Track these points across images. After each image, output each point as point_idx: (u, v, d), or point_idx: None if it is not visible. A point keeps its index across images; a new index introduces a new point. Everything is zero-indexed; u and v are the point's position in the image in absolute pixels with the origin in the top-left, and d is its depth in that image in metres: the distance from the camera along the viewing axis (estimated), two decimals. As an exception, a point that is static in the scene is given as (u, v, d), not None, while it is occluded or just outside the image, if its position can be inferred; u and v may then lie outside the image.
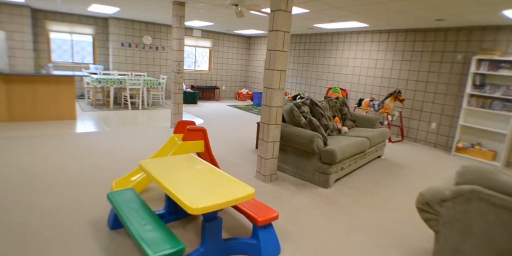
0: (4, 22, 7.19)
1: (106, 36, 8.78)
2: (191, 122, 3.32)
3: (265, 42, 10.33)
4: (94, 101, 7.48)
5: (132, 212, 2.17)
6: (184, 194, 1.88)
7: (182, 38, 5.65)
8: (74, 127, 5.38)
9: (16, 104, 5.40)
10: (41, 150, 4.06)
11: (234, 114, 7.99)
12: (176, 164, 2.39)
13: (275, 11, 3.29)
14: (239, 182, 2.14)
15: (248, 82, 11.25)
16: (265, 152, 3.46)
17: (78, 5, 6.71)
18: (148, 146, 4.58)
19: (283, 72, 3.41)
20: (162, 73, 9.53)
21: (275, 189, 3.36)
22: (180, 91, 5.84)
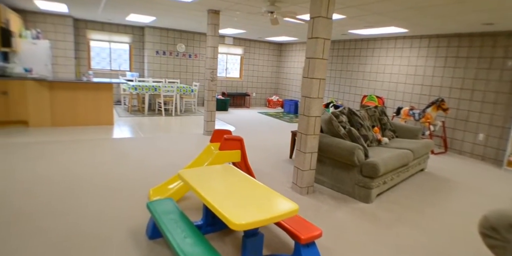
0: (49, 31, 7.62)
1: (142, 44, 9.07)
2: (228, 131, 3.26)
3: (296, 49, 10.23)
4: (130, 107, 7.71)
5: (172, 223, 2.12)
6: (226, 208, 1.80)
7: (216, 46, 5.68)
8: (112, 133, 5.53)
9: (58, 110, 5.65)
10: (82, 155, 4.18)
11: (265, 121, 7.91)
12: (215, 175, 2.33)
13: (315, 18, 3.19)
14: (282, 197, 2.03)
15: (278, 89, 11.17)
16: (302, 163, 3.33)
17: (118, 14, 6.98)
18: (182, 153, 4.59)
19: (323, 81, 3.28)
20: (195, 80, 9.68)
21: (312, 202, 3.21)
22: (213, 99, 5.86)
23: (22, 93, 5.34)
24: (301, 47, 10.00)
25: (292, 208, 1.90)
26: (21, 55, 6.44)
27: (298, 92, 10.23)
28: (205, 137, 5.74)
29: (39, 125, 5.56)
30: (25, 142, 4.57)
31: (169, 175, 3.65)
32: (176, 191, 2.82)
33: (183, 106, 8.46)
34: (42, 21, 7.52)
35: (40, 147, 4.40)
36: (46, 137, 4.92)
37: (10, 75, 5.32)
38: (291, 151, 4.65)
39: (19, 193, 2.95)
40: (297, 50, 10.18)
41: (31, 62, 6.53)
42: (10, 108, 5.29)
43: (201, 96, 9.93)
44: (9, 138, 4.73)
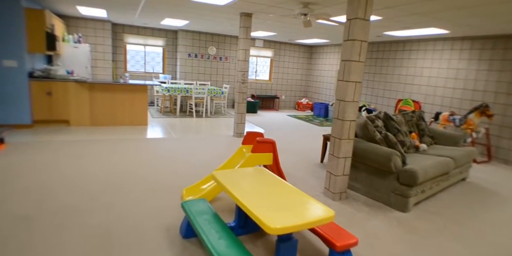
0: (89, 35, 8.02)
1: (174, 47, 9.32)
2: (260, 134, 3.24)
3: (328, 51, 10.06)
4: (162, 108, 7.93)
5: (206, 223, 2.13)
6: (261, 211, 1.77)
7: (248, 49, 5.71)
8: (146, 133, 5.70)
9: (97, 110, 5.92)
10: (119, 153, 4.33)
11: (294, 124, 7.83)
12: (248, 177, 2.31)
13: (352, 20, 3.10)
14: (317, 202, 1.98)
15: (308, 92, 11.04)
16: (335, 168, 3.24)
17: (153, 19, 7.22)
18: (213, 154, 4.64)
19: (359, 84, 3.18)
20: (225, 82, 9.79)
21: (345, 208, 3.11)
22: (244, 101, 5.88)
23: (65, 94, 5.64)
24: (333, 49, 9.83)
25: (328, 214, 1.84)
26: (64, 58, 6.82)
27: (328, 95, 10.05)
28: (235, 139, 5.77)
29: (79, 124, 5.85)
30: (67, 140, 4.82)
31: (200, 176, 3.69)
32: (209, 191, 2.83)
33: (213, 108, 8.58)
34: (83, 26, 7.93)
35: (81, 145, 4.62)
36: (86, 136, 5.16)
37: (54, 77, 5.64)
38: (322, 155, 4.55)
39: (63, 187, 3.10)
40: (328, 52, 10.01)
41: (72, 65, 6.90)
42: (53, 108, 5.60)
43: (231, 98, 10.02)
44: (53, 136, 5.00)
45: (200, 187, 3.01)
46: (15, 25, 5.02)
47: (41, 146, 4.42)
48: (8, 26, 4.98)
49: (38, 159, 3.90)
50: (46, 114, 5.57)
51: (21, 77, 5.22)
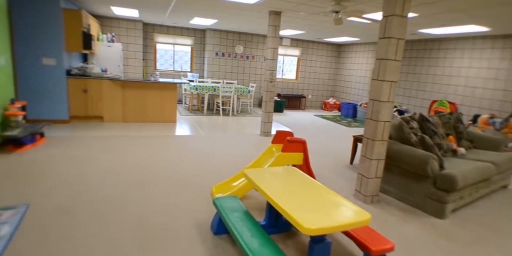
0: (122, 35, 8.29)
1: (202, 46, 9.44)
2: (290, 133, 3.20)
3: (357, 50, 9.82)
4: (190, 106, 8.06)
5: (238, 221, 2.13)
6: (295, 211, 1.74)
7: (276, 47, 5.67)
8: (175, 130, 5.81)
9: (129, 107, 6.10)
10: (149, 149, 4.44)
11: (321, 124, 7.71)
12: (280, 176, 2.29)
13: (389, 17, 2.98)
14: (353, 204, 1.92)
15: (336, 91, 10.83)
16: (367, 171, 3.14)
17: (182, 18, 7.34)
18: (241, 152, 4.65)
19: (394, 84, 3.06)
20: (251, 81, 9.80)
21: (377, 212, 3.01)
22: (271, 100, 5.85)
23: (99, 91, 5.86)
24: (363, 48, 9.58)
25: (364, 217, 1.79)
26: (98, 57, 7.09)
27: (357, 95, 9.81)
28: (262, 138, 5.76)
29: (112, 121, 6.06)
30: (101, 136, 5.01)
31: (228, 173, 3.71)
32: (239, 189, 2.84)
33: (239, 107, 8.61)
34: (116, 26, 8.20)
35: (114, 140, 4.78)
36: (119, 132, 5.34)
37: (90, 75, 5.87)
38: (352, 157, 4.44)
39: (99, 180, 3.21)
40: (358, 51, 9.76)
41: (106, 63, 7.16)
42: (88, 105, 5.84)
43: (257, 97, 10.02)
44: (88, 131, 5.21)
45: (230, 184, 3.02)
46: (55, 25, 5.27)
47: (77, 141, 4.61)
48: (48, 26, 5.23)
49: (75, 152, 4.08)
50: (82, 110, 5.82)
51: (59, 75, 5.47)
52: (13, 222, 2.38)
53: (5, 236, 2.19)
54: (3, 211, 2.52)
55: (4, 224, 2.34)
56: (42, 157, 3.84)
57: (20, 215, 2.48)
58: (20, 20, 5.04)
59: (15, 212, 2.52)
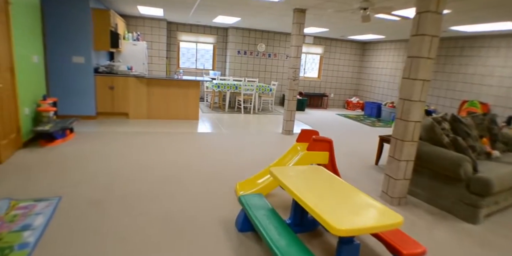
0: (147, 34, 8.45)
1: (224, 44, 9.48)
2: (315, 132, 3.15)
3: (382, 48, 9.56)
4: (212, 104, 8.12)
5: (264, 219, 2.11)
6: (325, 211, 1.71)
7: (300, 45, 5.60)
8: (197, 127, 5.87)
9: (153, 104, 6.22)
10: (173, 145, 4.51)
11: (344, 124, 7.57)
12: (307, 175, 2.25)
13: (422, 13, 2.87)
14: (384, 206, 1.86)
15: (359, 90, 10.61)
16: (395, 172, 3.05)
17: (206, 17, 7.39)
18: (263, 150, 4.63)
19: (426, 82, 2.95)
20: (273, 79, 9.76)
21: (405, 215, 2.91)
22: (294, 98, 5.79)
23: (125, 89, 6.00)
24: (388, 46, 9.32)
25: (396, 220, 1.73)
26: (124, 55, 7.26)
27: (381, 94, 9.57)
28: (284, 136, 5.72)
29: (137, 117, 6.20)
30: (127, 132, 5.13)
31: (251, 170, 3.70)
32: (264, 187, 2.82)
33: (260, 105, 8.60)
34: (141, 25, 8.38)
35: (139, 136, 4.89)
36: (144, 128, 5.45)
37: (116, 72, 6.02)
38: (377, 157, 4.32)
39: (127, 175, 3.29)
40: (383, 49, 9.51)
41: (131, 61, 7.33)
42: (114, 101, 6.00)
43: (278, 96, 9.97)
44: (114, 127, 5.36)
45: (254, 182, 3.01)
46: (84, 25, 5.43)
47: (105, 136, 4.75)
48: (78, 25, 5.40)
49: (103, 147, 4.19)
50: (108, 106, 5.98)
51: (87, 73, 5.65)
52: (47, 213, 2.47)
53: (39, 226, 2.28)
54: (37, 202, 2.63)
55: (38, 215, 2.43)
56: (72, 151, 3.97)
57: (53, 207, 2.57)
58: (52, 19, 5.23)
59: (48, 204, 2.61)
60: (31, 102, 4.26)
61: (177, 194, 2.98)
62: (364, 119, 8.40)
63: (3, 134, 3.46)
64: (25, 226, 2.26)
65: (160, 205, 2.74)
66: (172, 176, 3.42)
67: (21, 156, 3.67)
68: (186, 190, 3.08)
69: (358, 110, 10.14)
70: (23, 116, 4.01)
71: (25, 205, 2.57)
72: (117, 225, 2.39)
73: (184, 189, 3.12)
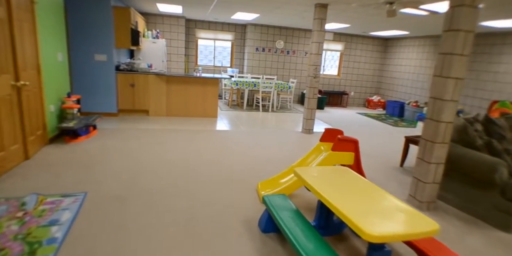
0: (166, 31, 8.50)
1: (242, 41, 9.42)
2: (340, 131, 3.06)
3: (406, 45, 9.25)
4: (230, 101, 8.10)
5: (290, 221, 2.06)
6: (355, 215, 1.64)
7: (321, 42, 5.47)
8: (216, 125, 5.86)
9: (172, 101, 6.25)
10: (193, 143, 4.50)
11: (366, 123, 7.39)
12: (333, 176, 2.17)
13: (456, 7, 2.71)
14: (417, 212, 1.77)
15: (381, 89, 10.34)
16: (424, 175, 2.92)
17: (224, 14, 7.35)
18: (283, 149, 4.57)
19: (460, 81, 2.79)
20: (291, 77, 9.64)
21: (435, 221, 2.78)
22: (314, 96, 5.68)
23: (145, 86, 6.06)
24: (412, 42, 9.01)
25: (432, 227, 1.64)
26: (143, 53, 7.33)
27: (404, 92, 9.28)
28: (304, 135, 5.62)
29: (157, 115, 6.25)
30: (147, 129, 5.17)
31: (271, 169, 3.64)
32: (287, 187, 2.77)
33: (279, 103, 8.51)
34: (160, 22, 8.43)
35: (159, 133, 4.91)
36: (163, 125, 5.49)
37: (137, 70, 6.08)
38: (402, 159, 4.17)
39: (148, 172, 3.30)
40: (407, 45, 9.20)
41: (151, 59, 7.39)
42: (135, 99, 6.06)
43: (296, 93, 9.84)
44: (135, 124, 5.41)
45: (276, 181, 2.95)
46: (106, 23, 5.49)
47: (126, 133, 4.80)
48: (100, 23, 5.47)
49: (125, 144, 4.24)
50: (129, 104, 6.05)
51: (109, 70, 5.72)
52: (73, 208, 2.50)
53: (66, 221, 2.31)
54: (64, 198, 2.66)
55: (65, 210, 2.46)
56: (96, 147, 4.03)
57: (79, 202, 2.60)
58: (75, 18, 5.32)
59: (74, 200, 2.65)
60: (56, 100, 4.34)
61: (198, 192, 2.96)
62: (386, 119, 8.17)
63: (30, 131, 3.54)
64: (52, 221, 2.29)
65: (182, 202, 2.73)
66: (192, 174, 3.41)
67: (47, 152, 3.75)
68: (207, 188, 3.06)
69: (379, 109, 9.89)
70: (49, 113, 4.10)
71: (52, 200, 2.61)
72: (141, 222, 2.39)
73: (205, 186, 3.10)
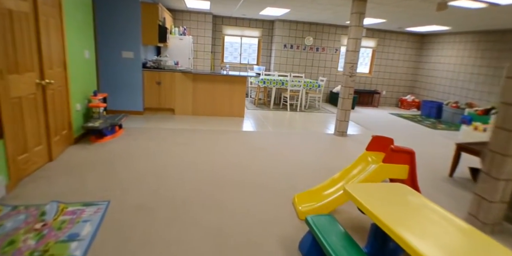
0: (193, 28, 8.31)
1: (270, 38, 9.09)
2: (389, 139, 2.69)
3: (445, 41, 8.59)
4: (256, 100, 7.82)
5: (340, 249, 1.75)
6: (428, 250, 1.31)
7: (359, 38, 5.06)
8: (243, 125, 5.60)
9: (199, 100, 6.04)
10: (220, 145, 4.26)
11: (400, 125, 6.88)
12: (391, 196, 1.84)
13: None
14: (507, 249, 1.41)
15: (415, 88, 9.70)
16: (490, 192, 2.50)
17: (253, 9, 7.04)
18: (315, 153, 4.23)
19: (539, 82, 2.35)
20: (320, 74, 9.22)
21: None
22: (350, 96, 5.28)
23: (171, 84, 5.88)
24: (452, 38, 8.34)
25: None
26: (170, 50, 7.17)
27: (442, 92, 8.64)
28: (337, 138, 5.25)
29: (183, 113, 6.07)
30: (173, 129, 4.99)
31: (304, 177, 3.33)
32: (329, 203, 2.44)
33: (307, 102, 8.14)
34: (187, 19, 8.25)
35: (185, 134, 4.71)
36: (189, 125, 5.29)
37: (163, 68, 5.91)
38: (452, 168, 3.73)
39: (175, 178, 3.08)
40: (447, 42, 8.54)
41: (177, 56, 7.22)
42: (161, 97, 5.90)
43: (325, 92, 9.42)
44: (161, 124, 5.25)
45: (316, 195, 2.63)
46: (133, 19, 5.34)
47: (152, 133, 4.63)
48: (127, 20, 5.32)
49: (150, 145, 4.06)
50: (155, 102, 5.91)
51: (136, 68, 5.58)
52: (95, 220, 2.31)
53: (87, 236, 2.11)
54: (85, 207, 2.48)
55: (86, 222, 2.27)
56: (121, 148, 3.87)
57: (101, 213, 2.41)
58: (102, 14, 5.20)
59: (96, 209, 2.46)
60: (82, 98, 4.23)
61: (227, 202, 2.70)
62: (423, 120, 7.60)
63: (55, 131, 3.41)
64: (72, 236, 2.10)
65: (211, 214, 2.49)
66: (220, 179, 3.16)
67: (72, 153, 3.62)
68: (236, 197, 2.80)
69: (413, 110, 9.28)
70: (75, 112, 3.98)
71: (73, 209, 2.43)
72: (167, 236, 2.16)
73: (234, 195, 2.83)
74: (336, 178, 2.67)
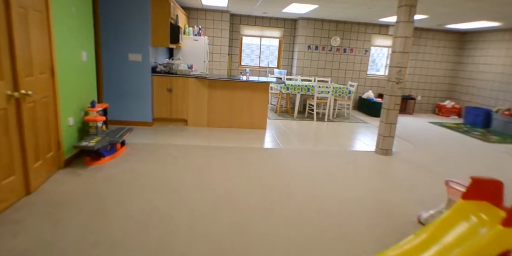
0: (208, 28, 7.59)
1: (292, 38, 8.29)
2: (498, 183, 1.83)
3: (491, 39, 7.55)
4: (278, 108, 7.00)
5: None
6: None
7: (409, 36, 4.19)
8: (265, 139, 4.80)
9: (214, 110, 5.28)
10: (241, 170, 3.47)
11: (445, 136, 5.92)
12: None
13: None
14: None
15: (455, 92, 8.65)
16: None
17: (276, 6, 6.27)
18: (360, 180, 3.38)
19: None
20: (347, 79, 8.33)
21: None
22: (396, 107, 4.41)
23: (184, 91, 5.15)
24: (501, 36, 7.30)
25: None
26: (183, 52, 6.45)
27: (489, 97, 7.58)
28: (381, 157, 4.36)
29: (196, 125, 5.32)
30: (185, 145, 4.23)
31: (360, 221, 2.48)
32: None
33: (335, 110, 7.27)
34: (203, 18, 7.54)
35: (199, 153, 3.95)
36: (204, 141, 4.52)
37: (175, 72, 5.19)
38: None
39: (185, 224, 2.30)
40: (493, 40, 7.50)
41: (191, 59, 6.49)
42: (172, 106, 5.17)
43: (354, 98, 8.51)
44: (171, 138, 4.51)
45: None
46: (142, 16, 4.65)
47: (160, 151, 3.89)
48: (135, 17, 4.64)
49: (157, 168, 3.31)
50: (165, 112, 5.18)
51: (144, 73, 4.88)
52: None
53: None
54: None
55: None
56: (121, 174, 3.13)
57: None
58: (105, 9, 4.52)
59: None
60: (77, 110, 3.52)
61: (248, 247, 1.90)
62: (469, 131, 6.60)
63: (35, 155, 2.70)
64: None
65: None
66: (246, 225, 2.36)
67: (59, 181, 2.90)
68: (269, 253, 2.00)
69: (454, 117, 8.25)
70: (66, 127, 3.27)
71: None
72: None
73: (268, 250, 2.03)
74: (425, 241, 1.79)
